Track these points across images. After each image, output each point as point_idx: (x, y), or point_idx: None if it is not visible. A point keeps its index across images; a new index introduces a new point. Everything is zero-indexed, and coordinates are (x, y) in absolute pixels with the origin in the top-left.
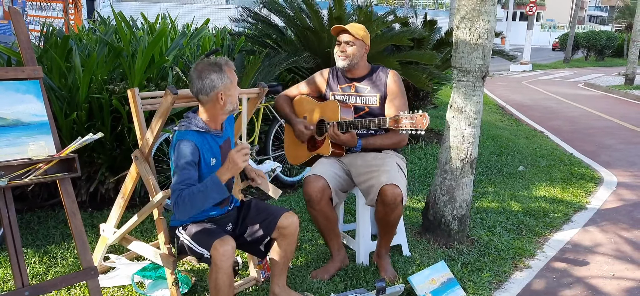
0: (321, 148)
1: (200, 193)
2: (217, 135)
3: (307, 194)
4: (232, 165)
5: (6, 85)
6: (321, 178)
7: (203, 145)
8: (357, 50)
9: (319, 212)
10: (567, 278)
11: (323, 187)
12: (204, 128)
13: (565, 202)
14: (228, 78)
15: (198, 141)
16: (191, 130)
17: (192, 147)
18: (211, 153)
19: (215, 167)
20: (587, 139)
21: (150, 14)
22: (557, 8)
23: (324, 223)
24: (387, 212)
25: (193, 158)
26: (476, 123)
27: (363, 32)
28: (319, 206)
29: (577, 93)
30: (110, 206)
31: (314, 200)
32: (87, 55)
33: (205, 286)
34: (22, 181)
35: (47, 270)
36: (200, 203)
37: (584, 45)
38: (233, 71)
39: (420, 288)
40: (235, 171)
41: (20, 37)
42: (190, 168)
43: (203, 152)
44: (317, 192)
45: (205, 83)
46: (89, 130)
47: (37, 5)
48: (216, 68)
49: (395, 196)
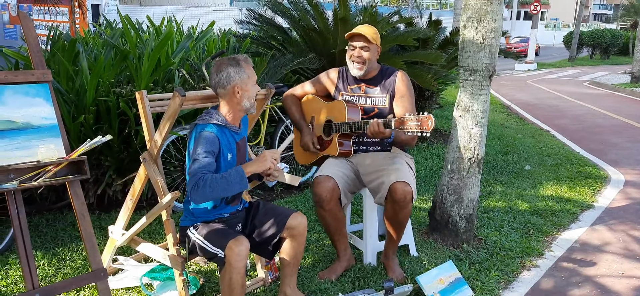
0: (329, 148)
1: (223, 180)
2: (235, 131)
3: (317, 194)
4: (261, 162)
5: (16, 88)
6: (331, 178)
7: (222, 138)
8: (371, 55)
9: (328, 212)
10: (576, 277)
11: (333, 187)
12: (224, 122)
13: (572, 200)
14: (245, 73)
15: (220, 134)
16: (212, 123)
17: (213, 137)
18: (229, 149)
19: (231, 163)
20: (593, 138)
21: (155, 17)
22: (562, 6)
23: (333, 223)
24: (397, 210)
25: (213, 148)
26: (483, 122)
27: (376, 35)
28: (329, 206)
29: (582, 91)
30: (118, 208)
31: (323, 200)
32: (93, 58)
33: (213, 287)
34: (32, 183)
35: (56, 272)
36: (221, 190)
37: (589, 43)
38: (251, 68)
39: (429, 288)
40: (262, 168)
41: (29, 40)
42: (211, 157)
43: (222, 146)
44: (327, 192)
45: (222, 76)
46: (97, 133)
47: (43, 9)
48: (234, 62)
49: (405, 194)
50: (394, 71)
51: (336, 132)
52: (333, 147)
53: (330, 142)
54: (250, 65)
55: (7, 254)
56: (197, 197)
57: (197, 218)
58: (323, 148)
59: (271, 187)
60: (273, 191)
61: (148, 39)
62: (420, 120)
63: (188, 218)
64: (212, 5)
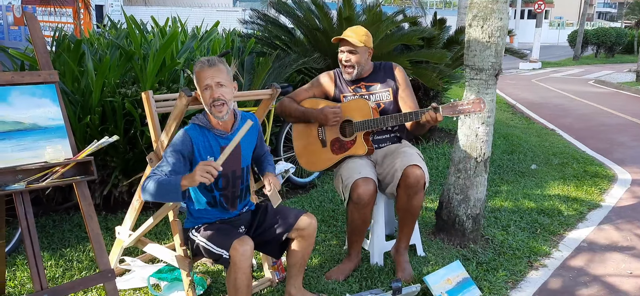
0: (353, 147)
1: (160, 187)
2: (221, 136)
3: (359, 197)
4: (191, 176)
5: (22, 89)
6: (372, 181)
7: (202, 141)
8: (360, 57)
9: (362, 215)
10: (584, 277)
11: (374, 191)
12: (206, 125)
13: (579, 200)
14: (196, 78)
15: (196, 136)
16: (194, 124)
17: (185, 138)
18: (210, 152)
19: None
20: (599, 136)
21: (160, 17)
22: (566, 5)
23: (361, 226)
24: (410, 195)
25: (181, 149)
26: (489, 121)
27: (365, 37)
28: (366, 209)
29: (587, 90)
30: (124, 209)
31: (365, 204)
32: (98, 59)
33: (220, 287)
34: (40, 184)
35: (64, 273)
36: (159, 196)
37: (594, 42)
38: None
39: (436, 288)
40: (192, 182)
41: (36, 41)
42: (172, 156)
43: (199, 148)
44: (370, 195)
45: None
46: (102, 133)
47: (47, 10)
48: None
49: (418, 178)
50: (389, 65)
51: (361, 131)
52: (360, 146)
53: (352, 142)
54: (200, 70)
55: (15, 255)
56: (143, 195)
57: (198, 219)
58: (345, 150)
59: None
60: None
61: (153, 40)
62: (471, 102)
63: (189, 220)
64: (215, 5)
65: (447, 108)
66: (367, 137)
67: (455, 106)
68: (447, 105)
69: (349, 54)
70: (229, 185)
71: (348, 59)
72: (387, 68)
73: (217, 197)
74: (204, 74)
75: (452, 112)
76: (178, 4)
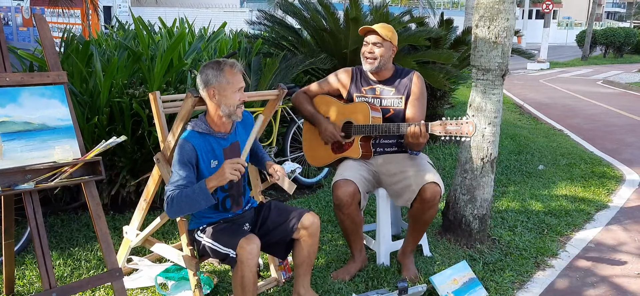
0: (349, 150)
1: (188, 199)
2: (221, 137)
3: (338, 198)
4: (220, 175)
5: (32, 90)
6: (352, 182)
7: (203, 147)
8: (385, 52)
9: (347, 216)
10: (591, 278)
11: (354, 192)
12: (205, 130)
13: (586, 200)
14: (225, 78)
15: (198, 142)
16: (193, 131)
17: (188, 148)
18: (212, 156)
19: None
20: (607, 137)
21: (167, 19)
22: (574, 5)
23: (351, 226)
24: (425, 209)
25: (188, 159)
26: (496, 122)
27: (391, 33)
28: (348, 210)
29: (596, 90)
30: (132, 209)
31: (344, 204)
32: (106, 60)
33: (227, 287)
34: (48, 184)
35: (72, 272)
36: (187, 207)
37: (602, 42)
38: (237, 75)
39: (443, 288)
40: (222, 181)
41: (45, 42)
42: (186, 168)
43: (202, 154)
44: (348, 196)
45: (202, 77)
46: (110, 134)
47: (56, 12)
48: (216, 65)
49: (435, 194)
50: (409, 72)
51: (358, 134)
52: (355, 149)
53: (350, 144)
54: (234, 72)
55: (23, 254)
56: (171, 213)
57: (202, 219)
58: (342, 151)
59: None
60: (284, 191)
61: (160, 41)
62: (460, 124)
63: (194, 221)
64: (222, 6)
65: (437, 126)
66: (364, 141)
67: (445, 125)
68: (437, 123)
69: (373, 45)
70: (234, 185)
71: (372, 51)
72: (406, 74)
73: (220, 199)
74: (238, 77)
75: (442, 131)
76: (185, 5)
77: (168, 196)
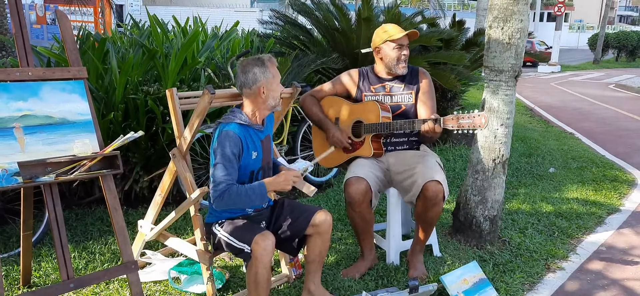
0: (361, 149)
1: (245, 196)
2: (259, 129)
3: (350, 196)
4: (284, 183)
5: (53, 85)
6: (364, 180)
7: (246, 138)
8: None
9: (358, 214)
10: (602, 281)
11: (366, 190)
12: (247, 122)
13: (598, 203)
14: (270, 73)
15: (241, 134)
16: (235, 123)
17: (237, 139)
18: (253, 147)
19: (256, 161)
20: (619, 141)
21: (180, 18)
22: (586, 8)
23: (362, 224)
24: (428, 207)
25: (236, 149)
26: (508, 123)
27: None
28: (360, 208)
29: (608, 94)
30: (145, 204)
31: (355, 202)
32: (121, 57)
33: (238, 282)
34: (68, 177)
35: (86, 264)
36: (242, 203)
37: (615, 45)
38: (276, 67)
39: (453, 287)
40: (284, 189)
41: (66, 39)
42: (230, 163)
43: (246, 144)
44: (360, 194)
45: (248, 76)
46: (125, 130)
47: (69, 10)
48: (259, 62)
49: (437, 192)
50: (417, 69)
51: (369, 133)
52: (366, 148)
53: (361, 143)
54: (274, 64)
55: (39, 247)
56: (221, 205)
57: (221, 214)
58: (353, 150)
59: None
60: (296, 189)
61: (174, 39)
62: (473, 117)
63: (213, 215)
64: (233, 5)
65: (449, 120)
66: (376, 139)
67: (457, 118)
68: (450, 117)
69: (407, 48)
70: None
71: (406, 54)
72: (415, 71)
73: None
74: (276, 69)
75: (455, 125)
76: (196, 4)
77: (225, 189)
